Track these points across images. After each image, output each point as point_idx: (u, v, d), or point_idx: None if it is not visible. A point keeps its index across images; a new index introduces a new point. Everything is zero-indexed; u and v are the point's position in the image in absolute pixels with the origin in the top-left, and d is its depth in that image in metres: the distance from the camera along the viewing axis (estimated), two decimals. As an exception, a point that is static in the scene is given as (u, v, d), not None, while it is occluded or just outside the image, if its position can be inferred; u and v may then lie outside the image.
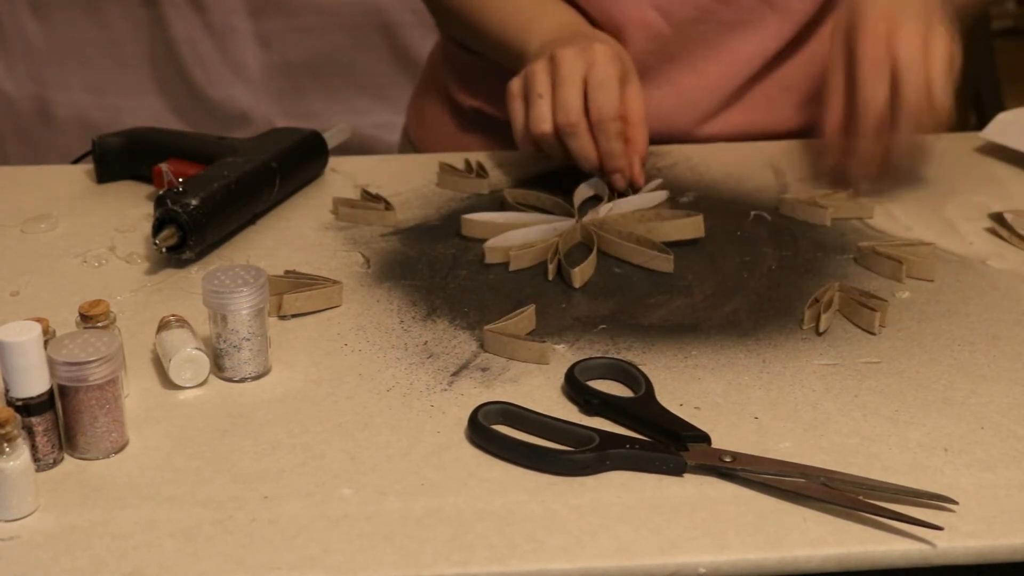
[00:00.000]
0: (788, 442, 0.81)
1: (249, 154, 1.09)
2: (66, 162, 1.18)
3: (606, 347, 0.91)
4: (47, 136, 2.59)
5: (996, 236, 1.07)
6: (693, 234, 1.05)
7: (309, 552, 0.72)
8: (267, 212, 1.10)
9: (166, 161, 1.10)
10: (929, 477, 0.77)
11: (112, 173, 1.15)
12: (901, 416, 0.83)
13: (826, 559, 0.72)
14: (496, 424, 0.81)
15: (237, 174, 1.05)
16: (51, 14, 2.60)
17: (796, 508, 0.75)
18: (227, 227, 1.04)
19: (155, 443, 0.81)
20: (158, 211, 1.00)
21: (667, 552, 0.72)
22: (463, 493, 0.76)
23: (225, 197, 1.03)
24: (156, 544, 0.72)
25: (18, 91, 2.61)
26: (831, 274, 1.01)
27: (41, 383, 0.77)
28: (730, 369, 0.88)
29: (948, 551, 0.72)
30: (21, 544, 0.72)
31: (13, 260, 1.03)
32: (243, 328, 0.86)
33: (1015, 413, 0.84)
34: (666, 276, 1.00)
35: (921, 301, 0.97)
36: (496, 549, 0.72)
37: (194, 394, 0.86)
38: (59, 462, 0.79)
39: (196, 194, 1.01)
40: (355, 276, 1.00)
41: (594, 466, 0.78)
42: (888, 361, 0.89)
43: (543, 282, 1.00)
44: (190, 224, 0.99)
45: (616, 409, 0.83)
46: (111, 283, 0.99)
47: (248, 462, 0.79)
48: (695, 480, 0.77)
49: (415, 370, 0.88)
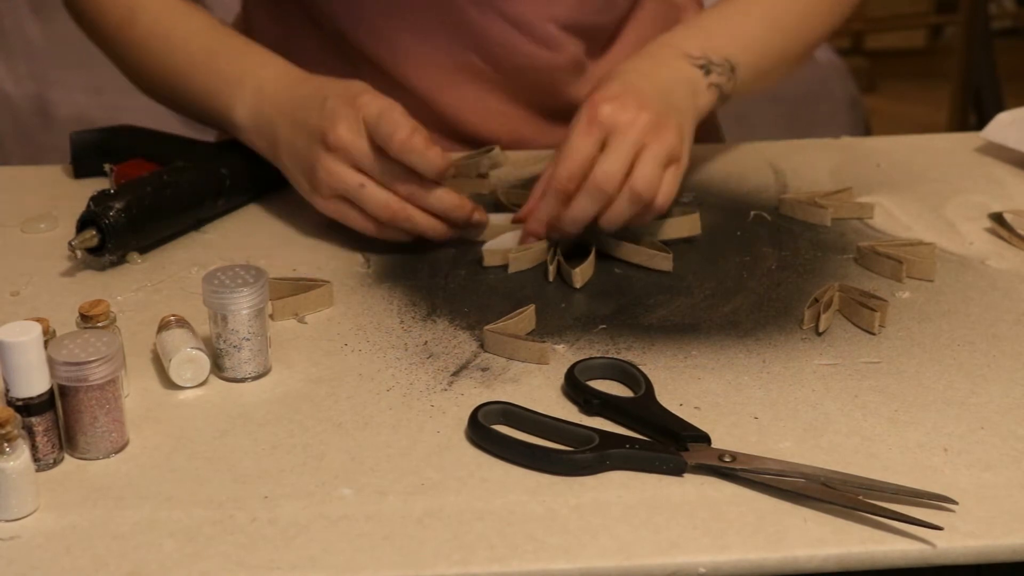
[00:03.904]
0: (788, 442, 0.81)
1: (205, 160, 1.09)
2: (66, 162, 1.18)
3: (606, 347, 0.91)
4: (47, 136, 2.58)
5: (996, 236, 1.07)
6: (690, 232, 1.05)
7: (309, 552, 0.72)
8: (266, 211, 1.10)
9: (135, 160, 1.11)
10: (929, 477, 0.77)
11: (88, 169, 1.16)
12: (901, 416, 0.83)
13: (826, 559, 0.72)
14: (496, 424, 0.81)
15: (176, 180, 1.05)
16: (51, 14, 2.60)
17: (796, 508, 0.75)
18: (158, 233, 1.04)
19: (155, 443, 0.81)
20: (82, 212, 1.00)
21: (667, 552, 0.72)
22: (463, 493, 0.76)
23: (156, 203, 1.02)
24: (156, 544, 0.72)
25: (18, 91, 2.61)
26: (831, 274, 1.01)
27: (41, 383, 0.77)
28: (730, 369, 0.88)
29: (948, 551, 0.72)
30: (21, 544, 0.72)
31: (13, 260, 1.03)
32: (243, 328, 0.86)
33: (1015, 413, 0.84)
34: (666, 276, 1.00)
35: (921, 301, 0.97)
36: (496, 549, 0.72)
37: (194, 394, 0.86)
38: (59, 462, 0.79)
39: (123, 198, 1.00)
40: (355, 276, 1.00)
41: (594, 466, 0.78)
42: (888, 361, 0.89)
43: (543, 282, 1.00)
44: (110, 228, 0.99)
45: (616, 409, 0.83)
46: (111, 283, 0.99)
47: (248, 462, 0.79)
48: (695, 480, 0.77)
49: (415, 370, 0.88)
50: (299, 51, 1.17)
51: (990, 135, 1.21)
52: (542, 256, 1.02)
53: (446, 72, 1.17)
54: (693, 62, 1.06)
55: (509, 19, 1.15)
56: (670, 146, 0.99)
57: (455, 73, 1.17)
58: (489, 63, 1.17)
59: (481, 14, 1.14)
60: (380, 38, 1.15)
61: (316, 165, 1.00)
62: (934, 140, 1.28)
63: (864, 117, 2.70)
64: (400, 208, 1.00)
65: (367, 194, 0.99)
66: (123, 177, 1.09)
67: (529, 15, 1.15)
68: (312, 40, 1.18)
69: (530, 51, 1.16)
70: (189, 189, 1.06)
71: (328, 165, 0.99)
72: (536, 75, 1.18)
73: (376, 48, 1.16)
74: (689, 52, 1.06)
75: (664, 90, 1.02)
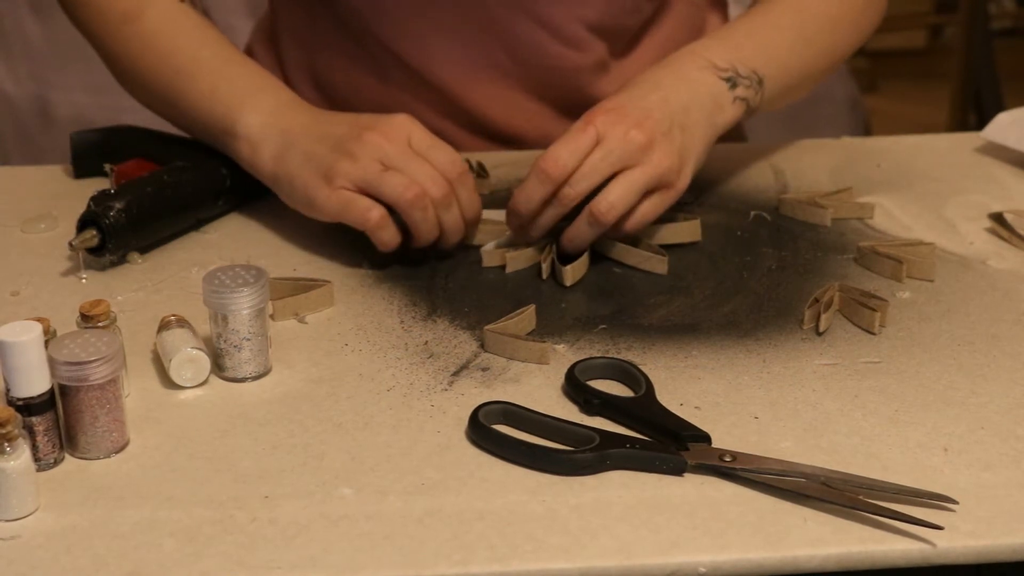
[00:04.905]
0: (788, 442, 0.81)
1: (205, 160, 1.09)
2: (66, 162, 1.18)
3: (606, 347, 0.91)
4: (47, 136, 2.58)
5: (996, 236, 1.07)
6: (690, 238, 1.05)
7: (309, 552, 0.72)
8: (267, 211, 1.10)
9: (134, 160, 1.11)
10: (929, 477, 0.77)
11: (88, 169, 1.16)
12: (901, 416, 0.83)
13: (826, 559, 0.72)
14: (496, 424, 0.81)
15: (176, 180, 1.05)
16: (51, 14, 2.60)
17: (796, 508, 0.75)
18: (158, 232, 1.04)
19: (155, 443, 0.81)
20: (83, 212, 1.00)
21: (667, 552, 0.72)
22: (463, 493, 0.76)
23: (156, 203, 1.03)
24: (156, 544, 0.72)
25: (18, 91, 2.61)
26: (831, 274, 1.01)
27: (42, 383, 0.77)
28: (730, 369, 0.88)
29: (948, 551, 0.72)
30: (21, 544, 0.73)
31: (13, 260, 1.03)
32: (244, 328, 0.86)
33: (1015, 413, 0.84)
34: (666, 276, 1.01)
35: (921, 301, 0.97)
36: (496, 549, 0.72)
37: (194, 394, 0.86)
38: (60, 462, 0.79)
39: (123, 198, 1.01)
40: (355, 276, 1.00)
41: (594, 466, 0.78)
42: (888, 361, 0.89)
43: (543, 282, 1.00)
44: (110, 228, 0.99)
45: (616, 409, 0.83)
46: (111, 283, 0.99)
47: (248, 462, 0.79)
48: (695, 480, 0.77)
49: (415, 370, 0.88)
50: (326, 48, 1.17)
51: (990, 135, 1.21)
52: (539, 255, 1.02)
53: (473, 69, 1.17)
54: (720, 74, 1.04)
55: (537, 20, 1.15)
56: (660, 171, 0.98)
57: (482, 70, 1.17)
58: (516, 62, 1.17)
59: (509, 14, 1.15)
60: (407, 36, 1.16)
61: (340, 158, 0.99)
62: (934, 140, 1.28)
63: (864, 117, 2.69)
64: (421, 194, 0.97)
65: (389, 178, 0.97)
66: (123, 177, 1.09)
67: (557, 17, 1.15)
68: (339, 36, 1.19)
69: (557, 51, 1.16)
70: (189, 189, 1.06)
71: (355, 155, 0.98)
72: (561, 74, 1.18)
73: (403, 46, 1.16)
74: (716, 63, 1.04)
75: (677, 108, 1.01)
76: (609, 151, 0.96)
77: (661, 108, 1.00)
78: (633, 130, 0.97)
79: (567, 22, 1.16)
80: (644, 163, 0.97)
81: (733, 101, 1.04)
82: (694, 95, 1.02)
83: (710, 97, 1.03)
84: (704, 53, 1.05)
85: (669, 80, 1.03)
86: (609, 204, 0.96)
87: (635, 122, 0.97)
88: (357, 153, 0.98)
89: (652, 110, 0.99)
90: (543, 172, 0.97)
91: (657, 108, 0.99)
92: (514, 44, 1.16)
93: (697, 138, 1.02)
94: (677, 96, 1.01)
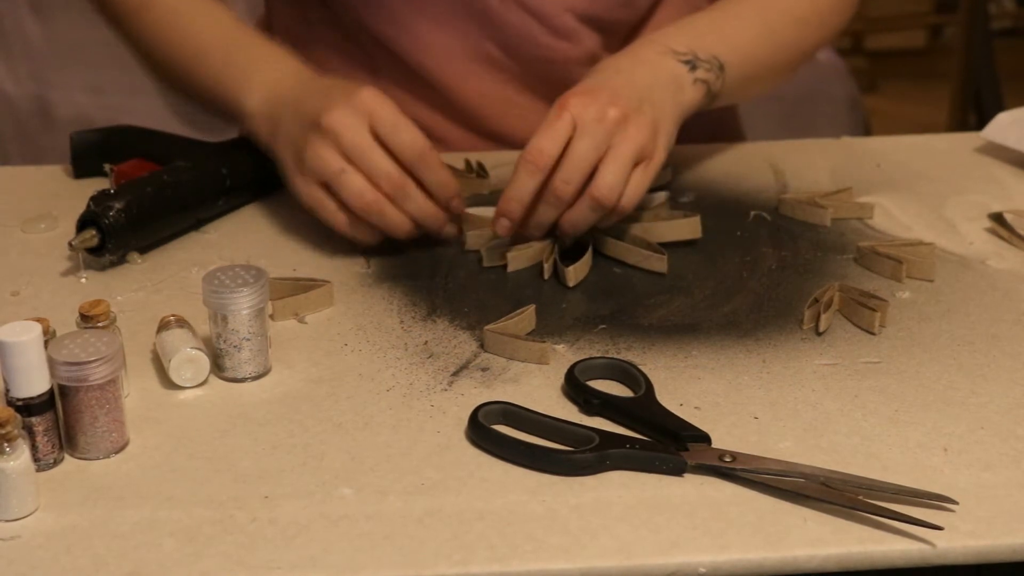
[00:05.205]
0: (788, 442, 0.81)
1: (205, 160, 1.09)
2: (66, 162, 1.18)
3: (606, 347, 0.91)
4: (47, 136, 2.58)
5: (996, 236, 1.07)
6: (690, 235, 1.05)
7: (309, 552, 0.72)
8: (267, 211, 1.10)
9: (134, 160, 1.11)
10: (929, 477, 0.77)
11: (88, 169, 1.16)
12: (901, 416, 0.83)
13: (826, 559, 0.72)
14: (496, 424, 0.81)
15: (176, 180, 1.05)
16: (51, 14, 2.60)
17: (796, 508, 0.75)
18: (158, 233, 1.04)
19: (155, 443, 0.81)
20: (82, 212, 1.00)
21: (667, 552, 0.72)
22: (463, 493, 0.76)
23: (156, 203, 1.03)
24: (156, 544, 0.72)
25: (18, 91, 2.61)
26: (831, 274, 1.01)
27: (41, 383, 0.77)
28: (730, 369, 0.88)
29: (948, 551, 0.72)
30: (21, 544, 0.72)
31: (13, 260, 1.03)
32: (243, 328, 0.86)
33: (1015, 413, 0.84)
34: (666, 276, 1.01)
35: (921, 301, 0.97)
36: (496, 549, 0.72)
37: (194, 394, 0.86)
38: (59, 462, 0.79)
39: (123, 198, 1.01)
40: (355, 276, 1.00)
41: (594, 466, 0.78)
42: (888, 361, 0.89)
43: (543, 282, 1.00)
44: (110, 228, 0.99)
45: (616, 409, 0.83)
46: (111, 283, 0.99)
47: (248, 462, 0.79)
48: (695, 480, 0.77)
49: (415, 370, 0.88)
50: (319, 40, 1.18)
51: (990, 135, 1.21)
52: (540, 255, 1.02)
53: (464, 62, 1.17)
54: (678, 57, 1.05)
55: (527, 8, 1.16)
56: (639, 144, 0.98)
57: (473, 63, 1.17)
58: (507, 53, 1.17)
59: (500, 3, 1.15)
60: (399, 26, 1.16)
61: (306, 147, 1.00)
62: (934, 140, 1.28)
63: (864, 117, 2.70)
64: (375, 200, 0.98)
65: (346, 180, 0.98)
66: (123, 177, 1.09)
67: (547, 5, 1.16)
68: (331, 29, 1.19)
69: (547, 42, 1.17)
70: (189, 189, 1.06)
71: (316, 146, 0.99)
72: (552, 67, 1.18)
73: (395, 37, 1.16)
74: (674, 48, 1.06)
75: (641, 87, 1.02)
76: (591, 135, 0.97)
77: (627, 87, 1.01)
78: (607, 107, 0.98)
79: (556, 11, 1.16)
80: (624, 139, 0.98)
81: (694, 82, 1.05)
82: (656, 76, 1.04)
83: (671, 78, 1.04)
84: (663, 40, 1.07)
85: (628, 64, 1.04)
86: (609, 186, 0.97)
87: (607, 101, 0.98)
88: (317, 143, 0.99)
89: (620, 89, 1.00)
90: (530, 164, 0.97)
91: (624, 87, 1.00)
92: (505, 35, 1.17)
93: (667, 113, 1.03)
94: (640, 76, 1.03)
